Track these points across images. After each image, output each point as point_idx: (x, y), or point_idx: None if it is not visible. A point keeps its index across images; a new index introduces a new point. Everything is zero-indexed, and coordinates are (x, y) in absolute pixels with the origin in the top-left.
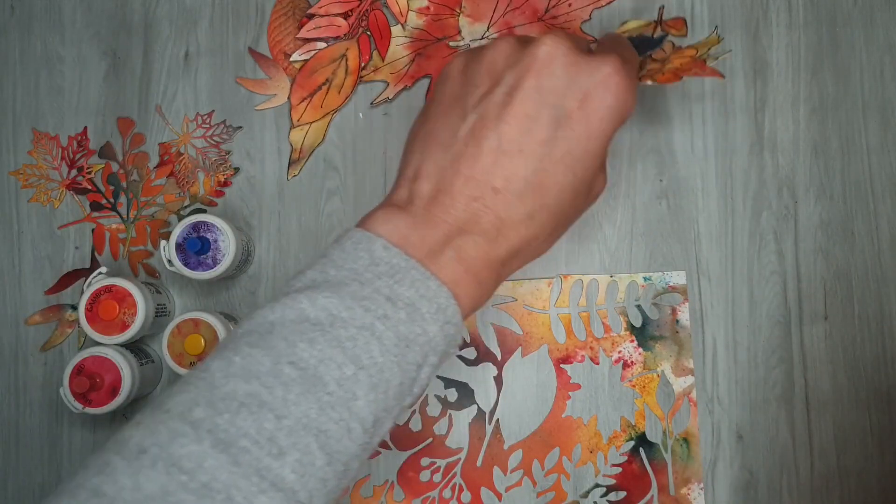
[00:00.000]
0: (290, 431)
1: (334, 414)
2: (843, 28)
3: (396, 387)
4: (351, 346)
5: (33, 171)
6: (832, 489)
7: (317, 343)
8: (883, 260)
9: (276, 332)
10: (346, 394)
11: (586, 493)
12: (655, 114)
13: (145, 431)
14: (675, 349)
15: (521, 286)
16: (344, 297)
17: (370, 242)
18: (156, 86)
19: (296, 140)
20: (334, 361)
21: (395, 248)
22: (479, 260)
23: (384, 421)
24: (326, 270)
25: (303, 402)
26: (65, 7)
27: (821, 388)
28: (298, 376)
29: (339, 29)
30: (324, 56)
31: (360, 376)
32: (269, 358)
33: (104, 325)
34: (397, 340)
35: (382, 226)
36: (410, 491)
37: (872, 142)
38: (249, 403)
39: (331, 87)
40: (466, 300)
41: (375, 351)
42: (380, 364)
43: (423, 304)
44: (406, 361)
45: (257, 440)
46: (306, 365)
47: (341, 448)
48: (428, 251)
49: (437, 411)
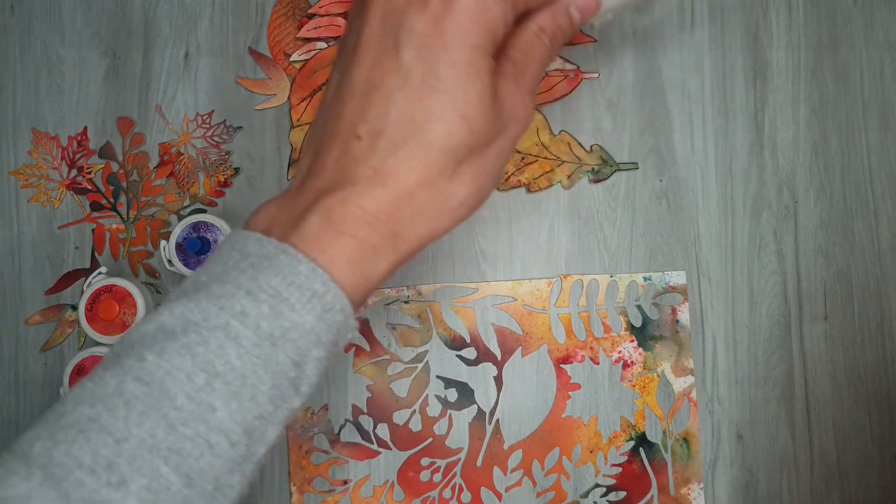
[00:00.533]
0: (133, 455)
1: (187, 430)
2: (843, 28)
3: (269, 390)
4: (202, 352)
5: (33, 171)
6: (832, 489)
7: (165, 352)
8: (883, 260)
9: (133, 350)
10: (200, 406)
11: (586, 493)
12: (655, 114)
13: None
14: (675, 349)
15: (521, 286)
16: (199, 300)
17: (245, 239)
18: (156, 86)
19: (296, 140)
20: (183, 371)
21: (266, 238)
22: (351, 216)
23: (264, 429)
24: (198, 278)
25: (146, 421)
26: (65, 7)
27: (821, 388)
28: (143, 392)
29: (339, 29)
30: (325, 56)
31: (216, 384)
32: (116, 377)
33: (104, 325)
34: (258, 339)
35: (255, 217)
36: (410, 491)
37: (872, 142)
38: (88, 429)
39: None
40: (351, 277)
41: (231, 354)
42: (238, 368)
43: (292, 292)
44: (275, 361)
45: (94, 469)
46: (152, 378)
47: (203, 466)
48: (293, 224)
49: (437, 411)
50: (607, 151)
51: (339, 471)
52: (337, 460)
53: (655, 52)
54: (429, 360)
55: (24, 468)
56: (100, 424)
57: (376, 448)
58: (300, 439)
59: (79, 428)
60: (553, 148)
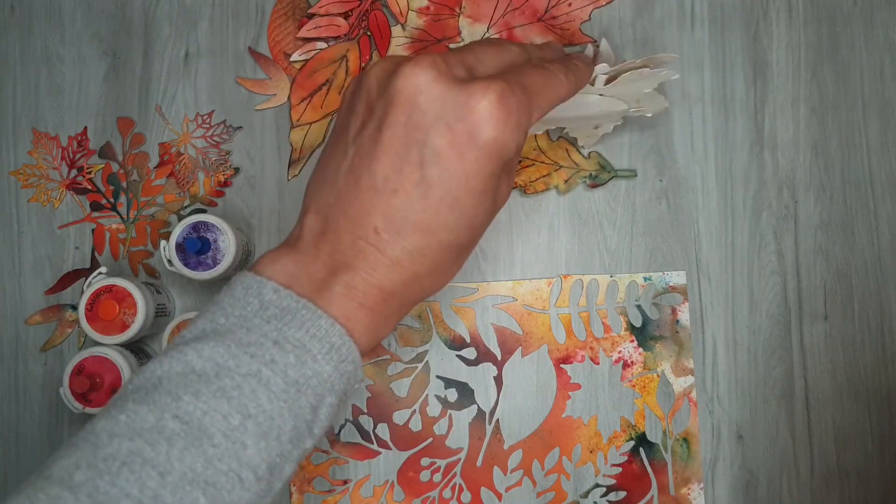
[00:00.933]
0: (176, 487)
1: (222, 465)
2: (843, 28)
3: (290, 431)
4: (237, 396)
5: (33, 171)
6: (832, 489)
7: (202, 395)
8: (883, 260)
9: (162, 386)
10: (234, 444)
11: (586, 493)
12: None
13: (25, 500)
14: (675, 349)
15: (521, 286)
16: (230, 346)
17: (260, 286)
18: (156, 86)
19: (296, 140)
20: (219, 412)
21: (284, 289)
22: (370, 295)
23: (282, 466)
24: (216, 319)
25: (187, 457)
26: (65, 7)
27: (821, 388)
28: (183, 430)
29: (339, 29)
30: (324, 56)
31: (248, 425)
32: (154, 413)
33: (104, 325)
34: (286, 385)
35: (271, 267)
36: (410, 491)
37: (872, 142)
38: (132, 462)
39: (331, 88)
40: (363, 335)
41: (263, 398)
42: (268, 411)
43: (314, 344)
44: (298, 405)
45: (140, 500)
46: (190, 418)
47: (234, 498)
48: (316, 288)
49: (437, 411)
50: (605, 158)
51: (339, 471)
52: (337, 460)
53: (655, 52)
54: (429, 360)
55: (72, 497)
56: (143, 458)
57: (376, 448)
58: None
59: (121, 460)
60: (551, 153)
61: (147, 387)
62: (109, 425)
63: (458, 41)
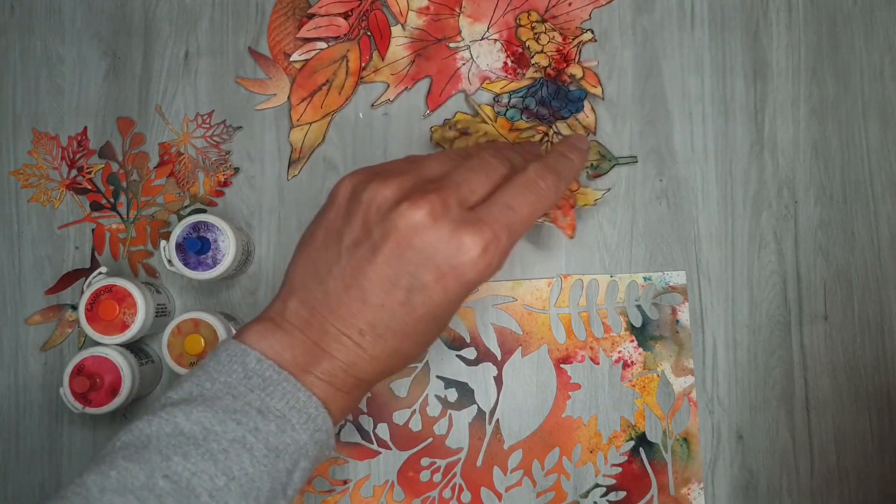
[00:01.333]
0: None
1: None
2: (843, 28)
3: (268, 492)
4: (223, 459)
5: (33, 171)
6: (832, 489)
7: (190, 456)
8: (883, 260)
9: (151, 445)
10: (219, 503)
11: (586, 493)
12: (655, 114)
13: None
14: (675, 349)
15: (521, 286)
16: (217, 412)
17: (244, 355)
18: (156, 86)
19: (296, 140)
20: (207, 473)
21: (267, 360)
22: (348, 382)
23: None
24: (202, 383)
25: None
26: (65, 7)
27: (821, 388)
28: (172, 489)
29: (339, 29)
30: (324, 56)
31: (232, 486)
32: (144, 472)
33: (104, 325)
34: (267, 451)
35: (257, 341)
36: (410, 491)
37: (872, 142)
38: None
39: (331, 88)
40: (336, 410)
41: (246, 462)
42: (250, 474)
43: (294, 415)
44: (276, 469)
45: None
46: (179, 478)
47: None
48: (299, 368)
49: (437, 411)
50: (605, 146)
51: (339, 471)
52: (337, 460)
53: (655, 52)
54: (429, 359)
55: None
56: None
57: (376, 448)
58: None
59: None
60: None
61: (136, 444)
62: (100, 480)
63: (458, 41)
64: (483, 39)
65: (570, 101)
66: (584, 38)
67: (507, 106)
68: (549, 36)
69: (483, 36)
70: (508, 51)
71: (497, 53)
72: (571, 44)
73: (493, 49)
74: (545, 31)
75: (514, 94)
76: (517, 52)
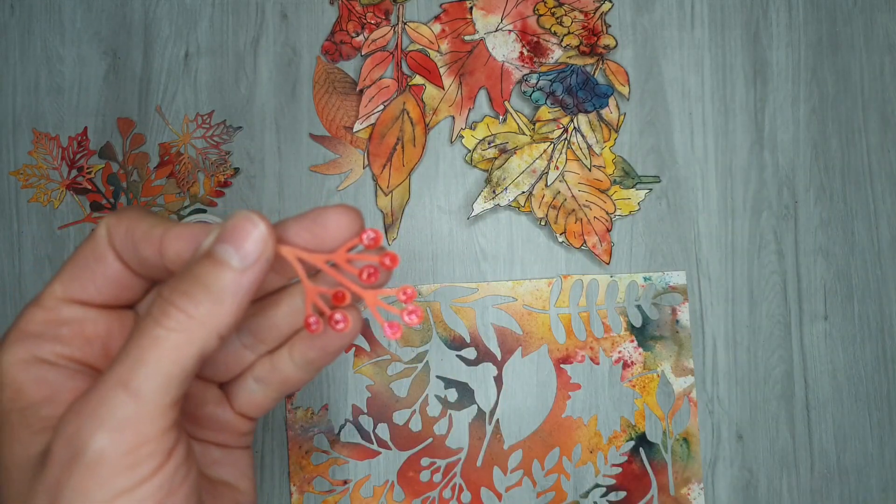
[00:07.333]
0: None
1: None
2: (843, 28)
3: None
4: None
5: (33, 171)
6: (832, 489)
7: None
8: (883, 260)
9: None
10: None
11: (586, 493)
12: (655, 114)
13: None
14: (675, 349)
15: (521, 286)
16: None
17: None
18: (156, 86)
19: (384, 206)
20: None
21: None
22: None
23: None
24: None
25: None
26: (65, 7)
27: (821, 387)
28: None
29: (390, 90)
30: (386, 118)
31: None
32: None
33: None
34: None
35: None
36: (410, 491)
37: (872, 142)
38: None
39: (405, 143)
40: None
41: None
42: None
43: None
44: None
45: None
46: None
47: None
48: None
49: (437, 411)
50: (629, 163)
51: (339, 471)
52: (337, 460)
53: (655, 51)
54: (429, 360)
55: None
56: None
57: (376, 448)
58: (300, 439)
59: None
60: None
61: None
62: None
63: (473, 34)
64: (497, 31)
65: (596, 96)
66: (604, 9)
67: (534, 87)
68: (571, 16)
69: (497, 27)
70: (523, 40)
71: (512, 44)
72: (594, 17)
73: (508, 40)
74: (566, 13)
75: (543, 76)
76: (532, 41)
